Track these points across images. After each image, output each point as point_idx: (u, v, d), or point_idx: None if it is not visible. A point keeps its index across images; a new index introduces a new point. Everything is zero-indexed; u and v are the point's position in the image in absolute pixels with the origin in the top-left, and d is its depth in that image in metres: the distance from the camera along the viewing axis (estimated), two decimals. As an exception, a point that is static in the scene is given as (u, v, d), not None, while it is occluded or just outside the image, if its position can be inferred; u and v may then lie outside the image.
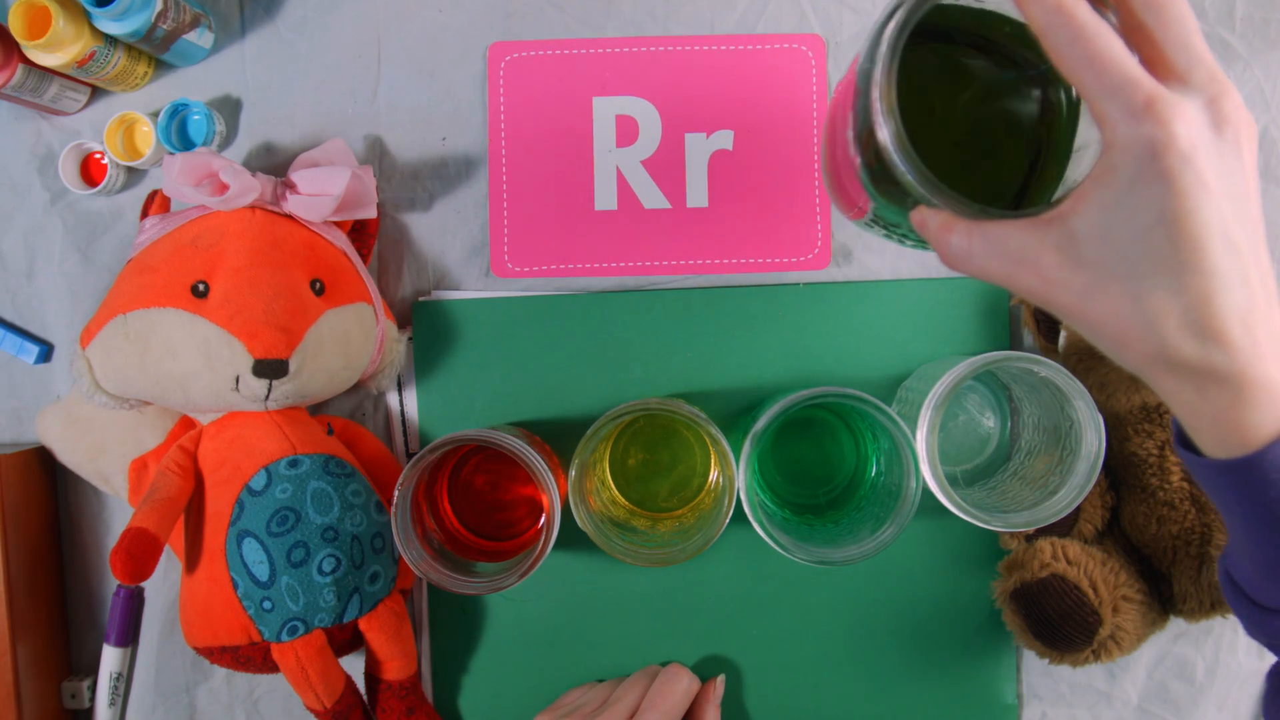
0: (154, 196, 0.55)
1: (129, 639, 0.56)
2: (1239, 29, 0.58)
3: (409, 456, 0.60)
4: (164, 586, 0.59)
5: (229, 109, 0.59)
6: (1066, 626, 0.51)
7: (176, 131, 0.58)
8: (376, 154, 0.59)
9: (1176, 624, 0.58)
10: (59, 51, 0.51)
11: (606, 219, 0.59)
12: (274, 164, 0.59)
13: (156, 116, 0.57)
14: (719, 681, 0.58)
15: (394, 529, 0.49)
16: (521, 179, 0.59)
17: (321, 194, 0.52)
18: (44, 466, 0.58)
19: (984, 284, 0.58)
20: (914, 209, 0.35)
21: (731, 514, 0.49)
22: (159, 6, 0.52)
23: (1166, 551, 0.54)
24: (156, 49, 0.55)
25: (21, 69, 0.53)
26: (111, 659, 0.55)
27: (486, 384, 0.59)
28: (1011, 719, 0.59)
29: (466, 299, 0.59)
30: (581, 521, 0.50)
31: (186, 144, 0.58)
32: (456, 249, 0.59)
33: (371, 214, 0.55)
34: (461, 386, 0.59)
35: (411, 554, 0.49)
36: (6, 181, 0.59)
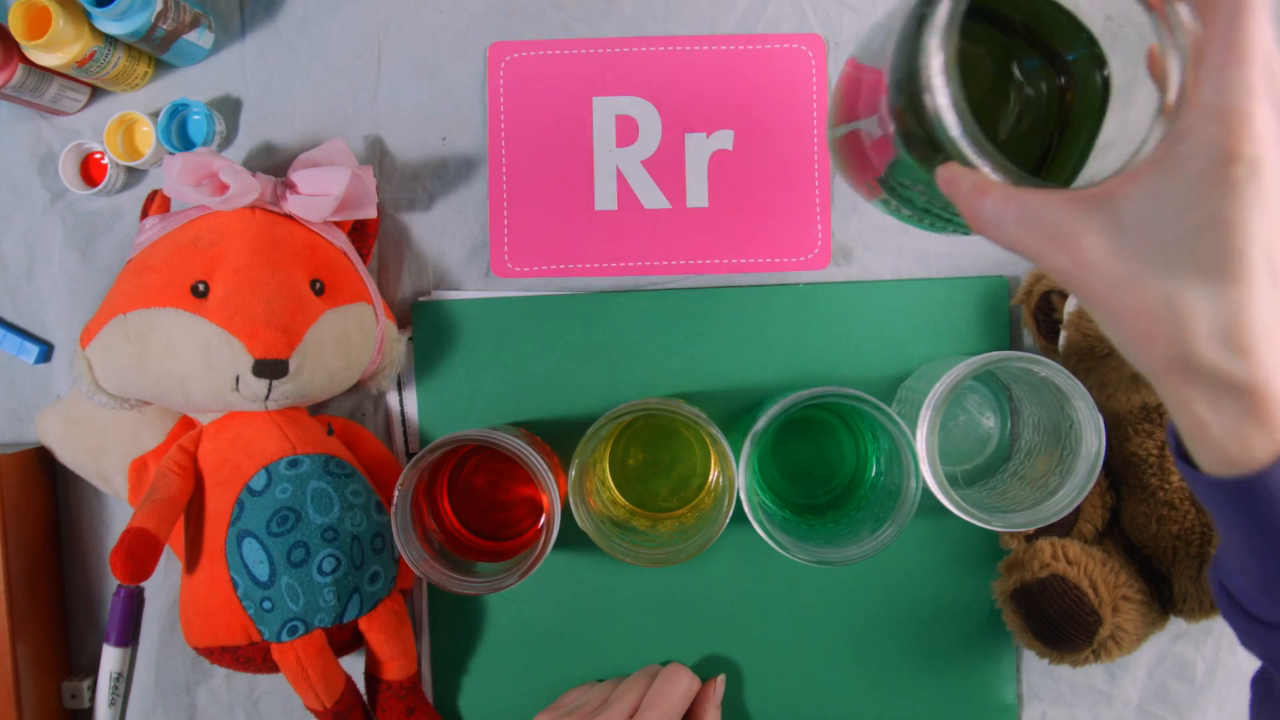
0: (154, 196, 0.55)
1: (129, 639, 0.56)
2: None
3: (409, 456, 0.60)
4: (164, 586, 0.59)
5: (229, 109, 0.59)
6: (1066, 626, 0.51)
7: (176, 131, 0.58)
8: (376, 154, 0.59)
9: (1176, 624, 0.58)
10: (59, 51, 0.51)
11: (606, 219, 0.59)
12: (274, 164, 0.59)
13: (156, 116, 0.57)
14: (719, 681, 0.58)
15: (394, 529, 0.49)
16: (521, 179, 0.59)
17: (321, 194, 0.52)
18: (44, 466, 0.58)
19: (984, 284, 0.58)
20: (943, 164, 0.33)
21: (731, 514, 0.49)
22: (159, 6, 0.52)
23: (1166, 551, 0.54)
24: (156, 49, 0.55)
25: (21, 69, 0.53)
26: (111, 659, 0.55)
27: (486, 384, 0.59)
28: (1011, 719, 0.59)
29: (466, 299, 0.59)
30: (581, 521, 0.50)
31: (186, 144, 0.58)
32: (456, 249, 0.59)
33: (371, 214, 0.55)
34: (461, 386, 0.59)
35: (411, 554, 0.49)
36: (6, 181, 0.59)
